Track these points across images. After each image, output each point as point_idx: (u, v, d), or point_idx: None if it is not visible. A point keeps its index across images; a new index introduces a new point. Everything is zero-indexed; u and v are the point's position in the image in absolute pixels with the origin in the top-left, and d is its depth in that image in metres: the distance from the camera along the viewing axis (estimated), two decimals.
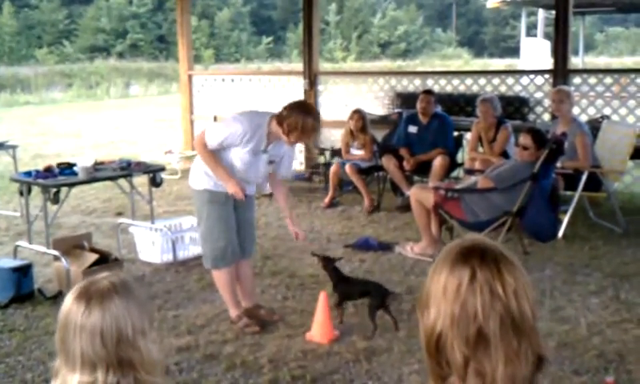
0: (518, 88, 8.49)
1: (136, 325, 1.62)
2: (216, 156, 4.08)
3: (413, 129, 7.47)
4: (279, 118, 4.00)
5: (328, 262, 4.35)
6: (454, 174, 7.65)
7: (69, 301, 1.63)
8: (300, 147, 9.46)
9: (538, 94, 8.30)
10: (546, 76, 8.24)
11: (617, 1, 18.51)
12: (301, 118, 3.95)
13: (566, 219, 6.06)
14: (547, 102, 7.90)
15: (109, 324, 1.58)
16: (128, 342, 1.60)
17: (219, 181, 4.10)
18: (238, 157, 4.08)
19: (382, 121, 8.48)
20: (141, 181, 6.14)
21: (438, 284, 1.33)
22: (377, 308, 4.09)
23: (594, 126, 6.95)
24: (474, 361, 1.27)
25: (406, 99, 8.72)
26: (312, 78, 9.30)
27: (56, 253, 5.02)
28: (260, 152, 4.11)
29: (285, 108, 4.03)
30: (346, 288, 4.28)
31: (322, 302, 4.10)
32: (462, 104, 8.48)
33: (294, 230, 4.33)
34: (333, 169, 7.65)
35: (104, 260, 5.14)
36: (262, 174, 4.27)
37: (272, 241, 6.15)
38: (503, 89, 8.48)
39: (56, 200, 5.18)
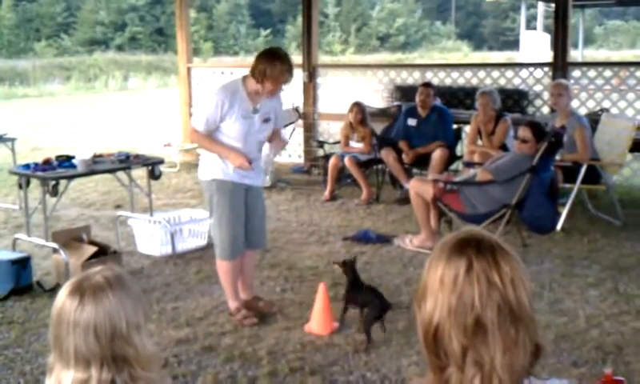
0: (517, 81, 8.48)
1: (130, 319, 1.60)
2: (211, 137, 4.11)
3: (412, 122, 7.47)
4: (252, 73, 4.05)
5: (347, 266, 4.18)
6: (453, 166, 7.65)
7: (62, 296, 1.61)
8: (299, 140, 9.47)
9: (538, 87, 8.29)
10: (546, 69, 8.23)
11: None
12: (269, 63, 3.99)
13: (564, 212, 6.07)
14: (546, 95, 7.89)
15: (102, 319, 1.56)
16: (122, 338, 1.58)
17: (222, 157, 4.11)
18: (233, 130, 4.07)
19: (382, 114, 8.47)
20: (139, 173, 6.14)
21: (435, 276, 1.33)
22: (373, 320, 3.93)
23: (594, 118, 6.94)
24: (472, 350, 1.27)
25: (405, 92, 8.71)
26: (311, 70, 9.29)
27: (55, 245, 5.02)
28: (250, 114, 4.11)
29: (253, 61, 4.08)
30: (354, 295, 4.11)
31: (321, 294, 4.11)
32: (461, 97, 8.47)
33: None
34: (332, 162, 7.64)
35: (103, 253, 5.14)
36: (263, 138, 4.28)
37: (271, 233, 6.13)
38: (502, 82, 8.47)
39: (55, 192, 5.17)
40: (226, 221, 4.18)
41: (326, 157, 8.02)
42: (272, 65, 3.98)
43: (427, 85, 7.59)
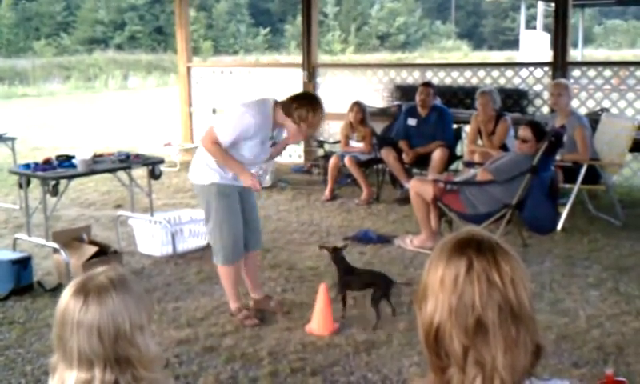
0: (517, 80, 8.49)
1: (134, 320, 1.60)
2: (226, 151, 4.09)
3: (412, 121, 7.47)
4: (287, 110, 4.10)
5: (336, 253, 4.32)
6: (454, 166, 7.65)
7: (66, 297, 1.61)
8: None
9: (537, 87, 8.30)
10: (545, 68, 8.24)
11: None
12: (311, 110, 4.09)
13: (565, 212, 6.07)
14: (546, 95, 7.90)
15: (106, 320, 1.56)
16: (126, 339, 1.58)
17: (232, 173, 4.12)
18: (248, 149, 4.11)
19: (382, 113, 8.47)
20: (140, 173, 6.14)
21: (435, 276, 1.33)
22: (380, 298, 4.10)
23: (593, 118, 6.94)
24: (473, 351, 1.27)
25: (405, 91, 8.71)
26: (311, 70, 9.29)
27: (55, 245, 5.02)
28: (268, 140, 4.20)
29: (292, 100, 4.13)
30: (350, 278, 4.26)
31: (322, 294, 4.11)
32: (462, 96, 8.48)
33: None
34: (332, 161, 7.64)
35: (103, 252, 5.14)
36: (267, 157, 4.40)
37: (271, 234, 6.15)
38: (502, 81, 8.48)
39: (55, 192, 5.17)
40: (228, 224, 4.17)
41: (326, 156, 8.03)
42: (314, 111, 4.10)
43: (427, 84, 7.59)
